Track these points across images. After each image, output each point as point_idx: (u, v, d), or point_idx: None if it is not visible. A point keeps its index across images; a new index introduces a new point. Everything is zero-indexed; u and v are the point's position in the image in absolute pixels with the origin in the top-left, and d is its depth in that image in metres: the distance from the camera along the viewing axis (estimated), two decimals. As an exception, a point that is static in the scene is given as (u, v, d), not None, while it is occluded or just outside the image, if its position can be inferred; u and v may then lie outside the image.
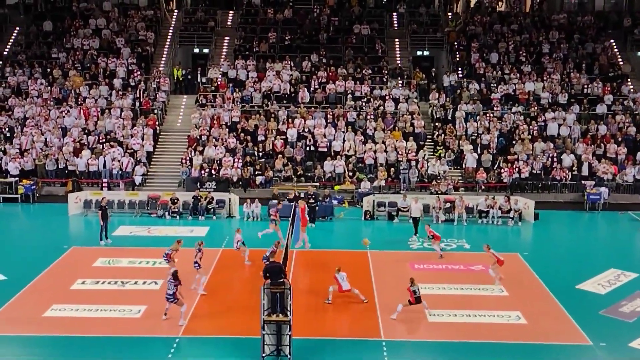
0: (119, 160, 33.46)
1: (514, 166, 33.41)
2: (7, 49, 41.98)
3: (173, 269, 18.63)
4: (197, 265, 20.30)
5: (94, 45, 41.02)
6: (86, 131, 35.40)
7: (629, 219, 30.45)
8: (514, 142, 34.92)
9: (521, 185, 33.04)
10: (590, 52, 41.12)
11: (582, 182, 32.88)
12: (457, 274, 22.57)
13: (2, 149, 34.19)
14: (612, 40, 42.09)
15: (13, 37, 42.88)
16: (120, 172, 33.30)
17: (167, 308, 18.21)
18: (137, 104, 37.35)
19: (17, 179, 32.54)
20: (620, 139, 35.07)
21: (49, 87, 38.02)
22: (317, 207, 28.61)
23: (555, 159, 33.91)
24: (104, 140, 34.74)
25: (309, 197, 28.92)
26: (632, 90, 38.65)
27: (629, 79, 39.67)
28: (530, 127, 35.69)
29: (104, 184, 32.97)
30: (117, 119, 36.04)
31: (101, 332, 17.65)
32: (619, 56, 41.41)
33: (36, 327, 17.92)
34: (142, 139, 34.94)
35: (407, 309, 18.52)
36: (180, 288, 18.02)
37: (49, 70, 39.36)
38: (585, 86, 38.51)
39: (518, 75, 38.93)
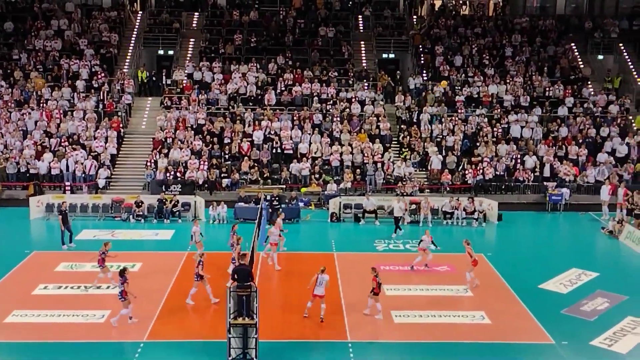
0: (82, 163, 32.97)
1: (478, 168, 33.80)
2: (-34, 50, 41.10)
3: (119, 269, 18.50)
4: (197, 278, 19.62)
5: (56, 46, 40.34)
6: (48, 134, 34.81)
7: (590, 219, 31.05)
8: (478, 144, 35.35)
9: (485, 186, 33.45)
10: (551, 55, 41.82)
11: (544, 183, 33.40)
12: (422, 274, 22.77)
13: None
14: (572, 44, 42.88)
15: (-28, 38, 42.00)
16: (83, 175, 32.80)
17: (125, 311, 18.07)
18: (101, 106, 36.84)
19: (-24, 182, 31.89)
20: (581, 141, 35.73)
21: (10, 89, 37.29)
22: (280, 209, 28.50)
23: (518, 161, 34.42)
24: (66, 142, 34.20)
25: (272, 198, 28.93)
26: (592, 92, 39.41)
27: (589, 82, 40.45)
28: (494, 129, 36.16)
29: (66, 188, 32.45)
30: (80, 121, 35.51)
31: (64, 338, 17.42)
32: (580, 59, 42.22)
33: (-3, 333, 17.59)
34: (106, 141, 34.49)
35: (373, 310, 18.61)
36: (127, 287, 17.90)
37: (9, 71, 38.61)
38: (547, 89, 39.15)
39: (482, 78, 39.41)
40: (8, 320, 18.37)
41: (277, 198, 28.89)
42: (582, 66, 41.65)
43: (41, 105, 36.43)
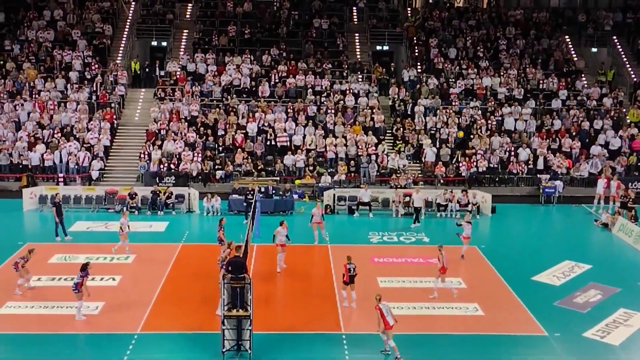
0: (75, 155, 32.86)
1: (472, 160, 33.86)
2: (-42, 41, 40.84)
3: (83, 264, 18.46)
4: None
5: (48, 37, 40.11)
6: (41, 125, 34.66)
7: (583, 212, 31.15)
8: (471, 136, 35.38)
9: (479, 179, 33.52)
10: (545, 47, 41.86)
11: (538, 175, 33.50)
12: (416, 267, 22.81)
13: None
14: (566, 37, 42.95)
15: (-36, 28, 41.73)
16: (76, 166, 32.71)
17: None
18: (94, 97, 36.68)
19: (-31, 174, 31.76)
20: (574, 134, 35.83)
21: (2, 80, 37.06)
22: (253, 203, 25.04)
23: (511, 153, 34.49)
24: (59, 134, 34.07)
25: (247, 192, 28.66)
26: (585, 85, 39.49)
27: (582, 75, 40.50)
28: (488, 121, 36.20)
29: (59, 179, 32.36)
30: (73, 113, 35.37)
31: (58, 330, 17.40)
32: (574, 52, 42.30)
33: (-10, 325, 17.56)
34: (99, 133, 34.37)
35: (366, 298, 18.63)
36: (86, 280, 17.96)
37: (2, 62, 38.35)
38: (541, 81, 39.21)
39: (476, 70, 39.44)
40: (1, 312, 18.34)
41: (251, 192, 28.14)
42: (575, 59, 41.72)
43: (34, 96, 36.25)
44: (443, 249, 20.06)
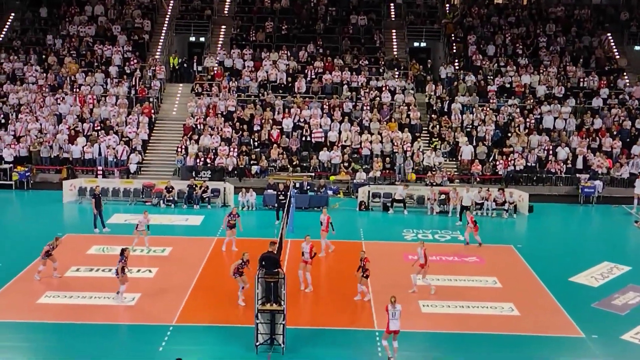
0: (114, 148, 33.37)
1: (509, 159, 33.46)
2: (2, 35, 41.78)
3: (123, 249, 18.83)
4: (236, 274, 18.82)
5: (89, 32, 40.80)
6: (81, 118, 35.28)
7: (623, 213, 30.56)
8: (509, 134, 34.96)
9: (516, 177, 33.10)
10: (587, 45, 41.11)
11: (577, 175, 32.96)
12: (451, 265, 22.64)
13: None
14: (609, 34, 42.09)
15: (8, 23, 42.66)
16: (115, 160, 33.22)
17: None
18: (133, 91, 37.21)
19: (11, 165, 32.46)
20: (615, 133, 35.15)
21: (44, 74, 37.86)
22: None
23: (550, 152, 33.98)
24: (99, 127, 34.64)
25: (279, 191, 27.65)
26: (627, 84, 38.68)
27: (625, 73, 39.68)
28: (526, 119, 35.72)
29: (98, 172, 32.91)
30: (112, 107, 35.92)
31: (95, 320, 17.69)
32: (616, 50, 41.46)
33: (30, 313, 17.94)
34: (138, 127, 34.85)
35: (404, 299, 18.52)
36: (123, 264, 18.32)
37: (44, 56, 39.17)
38: (582, 79, 38.54)
39: (514, 67, 38.92)
40: (41, 301, 18.72)
41: (282, 192, 27.08)
42: (617, 57, 40.90)
43: (75, 90, 36.91)
44: (424, 245, 20.13)
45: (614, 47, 41.60)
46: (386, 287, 19.31)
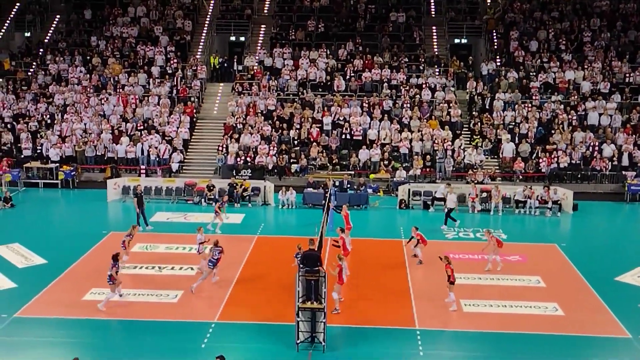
0: (156, 148, 33.84)
1: (553, 156, 32.89)
2: (48, 37, 42.74)
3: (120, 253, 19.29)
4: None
5: (132, 33, 41.47)
6: (124, 118, 35.87)
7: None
8: (552, 131, 34.35)
9: (560, 175, 32.53)
10: (632, 40, 40.13)
11: (623, 172, 32.25)
12: (492, 263, 22.31)
13: (43, 135, 34.83)
14: (656, 28, 41.04)
15: (54, 25, 43.64)
16: (157, 159, 33.69)
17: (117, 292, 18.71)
18: (175, 91, 37.69)
19: (57, 164, 33.20)
20: (663, 129, 34.29)
21: (89, 75, 38.59)
22: (328, 197, 25.66)
23: (595, 149, 33.30)
24: (141, 127, 35.17)
25: (325, 189, 27.83)
26: (676, 79, 37.66)
27: (673, 68, 38.66)
28: (570, 116, 35.07)
29: (141, 171, 33.41)
30: (154, 107, 36.43)
31: (139, 316, 17.97)
32: (663, 44, 40.39)
33: (75, 310, 18.30)
34: (179, 126, 35.27)
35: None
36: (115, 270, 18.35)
37: (88, 57, 39.93)
38: (627, 75, 37.63)
39: (558, 63, 38.23)
40: (86, 298, 19.07)
41: (323, 186, 27.43)
42: (665, 51, 39.81)
43: (118, 90, 37.54)
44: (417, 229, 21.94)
45: (662, 41, 40.53)
46: (430, 286, 19.15)
